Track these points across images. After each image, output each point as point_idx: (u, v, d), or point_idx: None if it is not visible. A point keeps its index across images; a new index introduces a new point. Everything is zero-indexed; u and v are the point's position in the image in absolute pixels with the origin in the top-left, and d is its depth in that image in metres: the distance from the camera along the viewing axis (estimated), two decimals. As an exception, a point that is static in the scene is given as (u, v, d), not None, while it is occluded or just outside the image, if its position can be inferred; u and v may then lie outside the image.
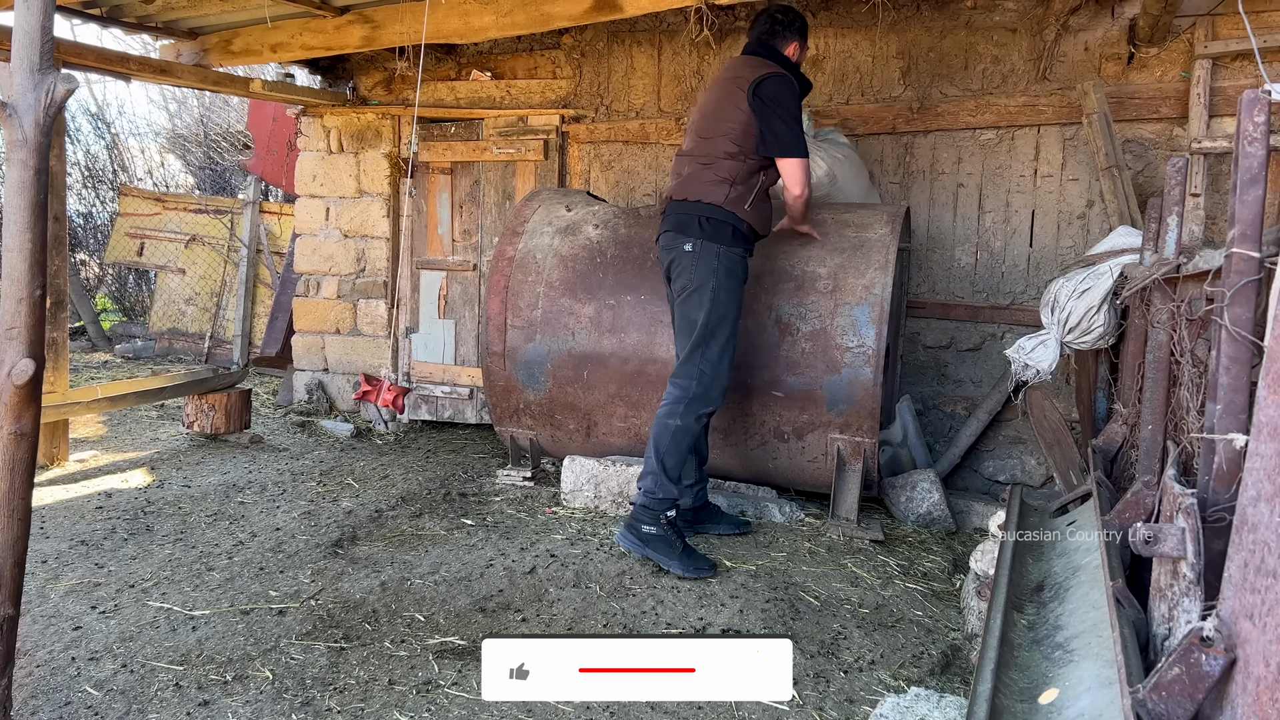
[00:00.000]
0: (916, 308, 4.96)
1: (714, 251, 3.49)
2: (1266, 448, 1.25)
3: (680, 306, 3.57)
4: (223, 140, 11.79)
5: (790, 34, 3.75)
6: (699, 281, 3.49)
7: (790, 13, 3.78)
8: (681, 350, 3.59)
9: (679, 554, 3.43)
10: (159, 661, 2.71)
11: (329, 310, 6.40)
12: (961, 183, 4.86)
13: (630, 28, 5.45)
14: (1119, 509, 2.33)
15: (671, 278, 3.62)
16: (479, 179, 5.93)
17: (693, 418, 3.52)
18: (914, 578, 3.57)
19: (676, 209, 3.61)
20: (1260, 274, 1.61)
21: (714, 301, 3.48)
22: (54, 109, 1.92)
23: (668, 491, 3.50)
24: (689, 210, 3.54)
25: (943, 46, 4.83)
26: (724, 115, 3.56)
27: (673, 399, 3.53)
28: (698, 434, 3.60)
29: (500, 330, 4.47)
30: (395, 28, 4.96)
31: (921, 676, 2.74)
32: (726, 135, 3.53)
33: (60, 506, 4.20)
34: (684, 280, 3.54)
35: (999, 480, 4.76)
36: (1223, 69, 4.26)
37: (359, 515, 4.15)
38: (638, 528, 3.48)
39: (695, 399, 3.51)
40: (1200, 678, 1.30)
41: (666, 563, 3.42)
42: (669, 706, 2.49)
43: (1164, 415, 2.58)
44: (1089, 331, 3.52)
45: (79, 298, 9.54)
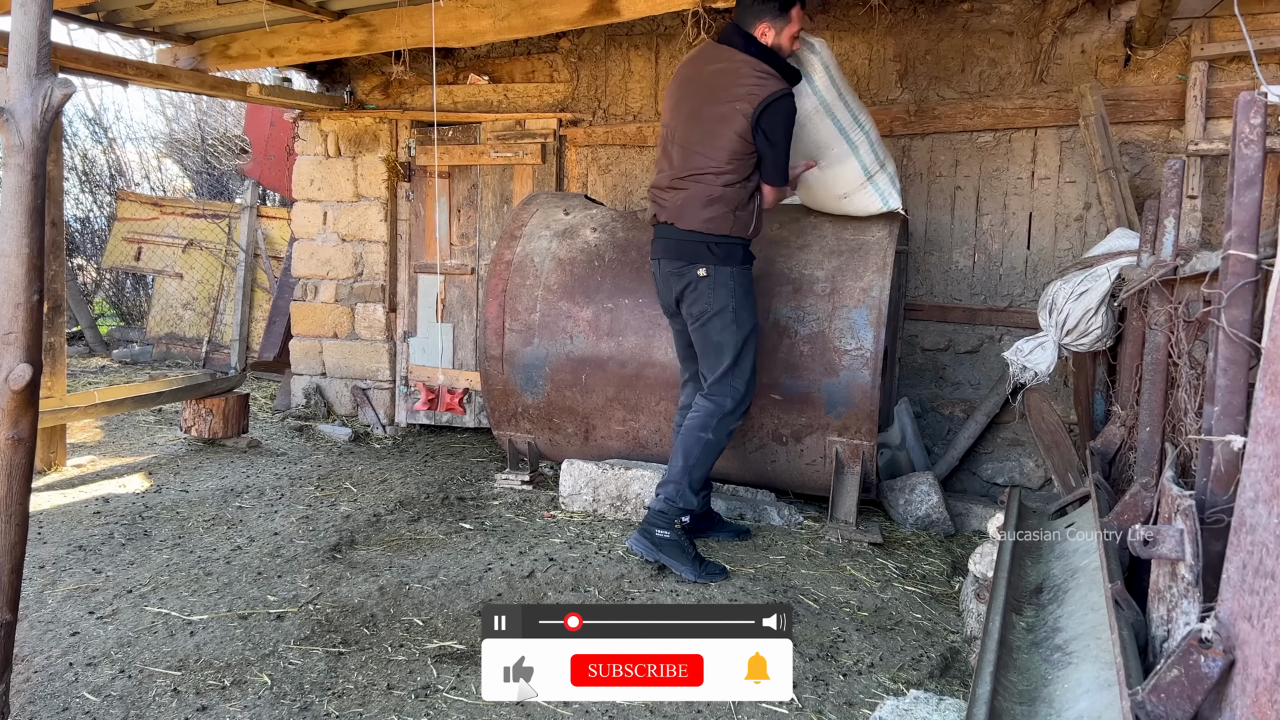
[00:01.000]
0: (914, 310, 4.96)
1: (728, 273, 3.47)
2: (1264, 449, 1.25)
3: (701, 330, 3.54)
4: (220, 145, 11.79)
5: (761, 10, 3.43)
6: (719, 305, 3.47)
7: None
8: (710, 371, 3.56)
9: (690, 559, 3.43)
10: (157, 667, 2.71)
11: (327, 314, 6.40)
12: (959, 185, 4.86)
13: (627, 31, 5.46)
14: (1117, 511, 2.34)
15: (682, 301, 3.57)
16: (476, 183, 5.93)
17: (724, 433, 3.56)
18: (913, 580, 3.57)
19: (679, 236, 3.50)
20: (1257, 276, 1.61)
21: (738, 322, 3.48)
22: (51, 114, 1.92)
23: (688, 501, 3.54)
24: (695, 239, 3.46)
25: (940, 49, 4.84)
26: (716, 133, 3.39)
27: (706, 413, 3.54)
28: (724, 447, 3.63)
29: (498, 334, 4.47)
30: (392, 32, 4.97)
31: (920, 679, 2.74)
32: (722, 156, 3.38)
33: (58, 511, 4.19)
34: (702, 305, 3.50)
35: (997, 483, 4.76)
36: (1219, 71, 4.26)
37: (357, 520, 4.14)
38: (651, 532, 3.48)
39: (729, 414, 3.54)
40: (1199, 679, 1.30)
41: (679, 568, 3.42)
42: (667, 710, 2.48)
43: (1162, 417, 2.58)
44: (1087, 333, 3.52)
45: (76, 303, 9.54)
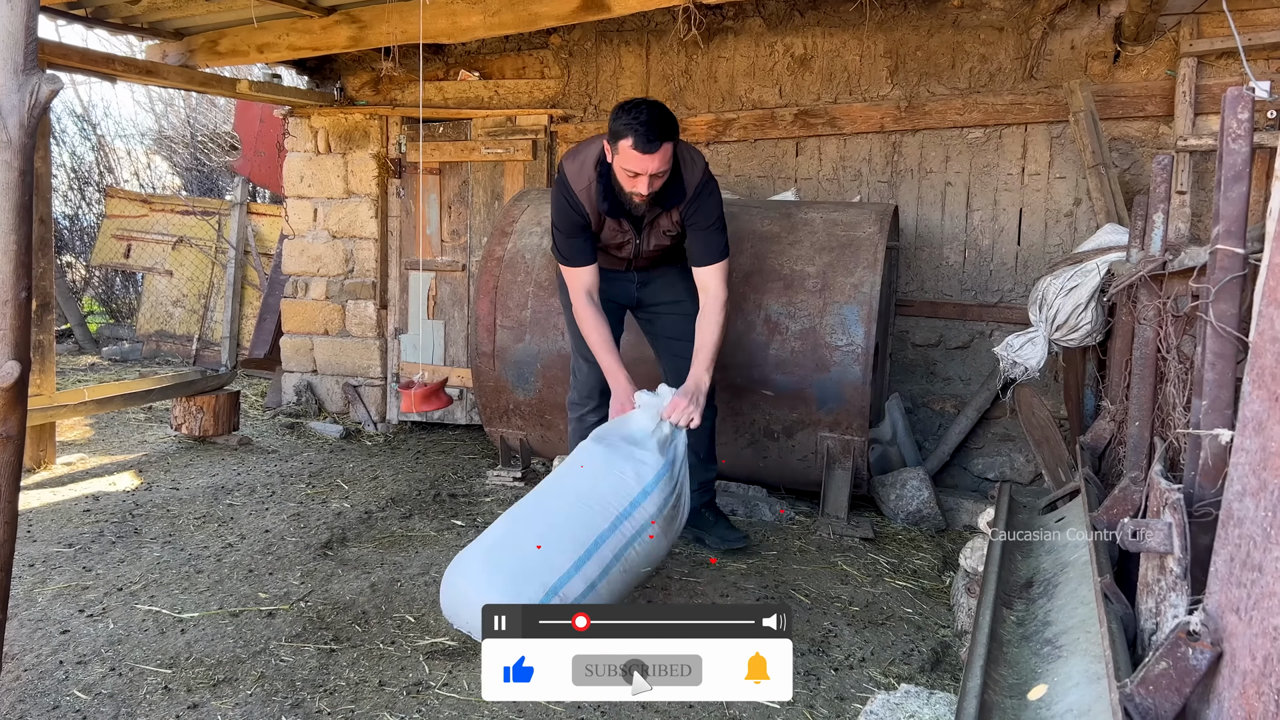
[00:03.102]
0: (905, 306, 4.97)
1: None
2: (1251, 443, 1.26)
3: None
4: (210, 141, 11.73)
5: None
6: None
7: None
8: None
9: (710, 525, 3.72)
10: (148, 665, 2.70)
11: (317, 312, 6.38)
12: (949, 181, 4.87)
13: (618, 27, 5.45)
14: (1107, 505, 2.34)
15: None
16: (467, 179, 5.92)
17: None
18: (904, 575, 3.58)
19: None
20: (1245, 270, 1.62)
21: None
22: (39, 110, 1.91)
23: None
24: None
25: (930, 45, 4.85)
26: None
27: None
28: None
29: (489, 331, 4.46)
30: (382, 28, 4.95)
31: (912, 673, 2.75)
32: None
33: (47, 510, 4.17)
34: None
35: (988, 478, 4.78)
36: (1208, 67, 4.28)
37: (348, 517, 4.13)
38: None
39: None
40: (1187, 672, 1.30)
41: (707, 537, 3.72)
42: (660, 706, 2.49)
43: (1151, 412, 2.60)
44: (1076, 329, 3.53)
45: (65, 300, 9.49)
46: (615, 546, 2.74)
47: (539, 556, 2.65)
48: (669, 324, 3.65)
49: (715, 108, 5.29)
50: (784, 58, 5.13)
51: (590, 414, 3.62)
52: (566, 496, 2.83)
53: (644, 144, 2.93)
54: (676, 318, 3.60)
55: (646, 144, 2.93)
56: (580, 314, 3.32)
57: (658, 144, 2.95)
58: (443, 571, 3.43)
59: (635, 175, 3.02)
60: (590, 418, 3.60)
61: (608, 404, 3.34)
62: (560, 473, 3.02)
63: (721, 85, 5.28)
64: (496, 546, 2.75)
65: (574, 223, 3.26)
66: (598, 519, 2.74)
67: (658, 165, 2.99)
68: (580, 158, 3.25)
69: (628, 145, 2.96)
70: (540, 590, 2.58)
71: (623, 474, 2.84)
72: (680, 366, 3.44)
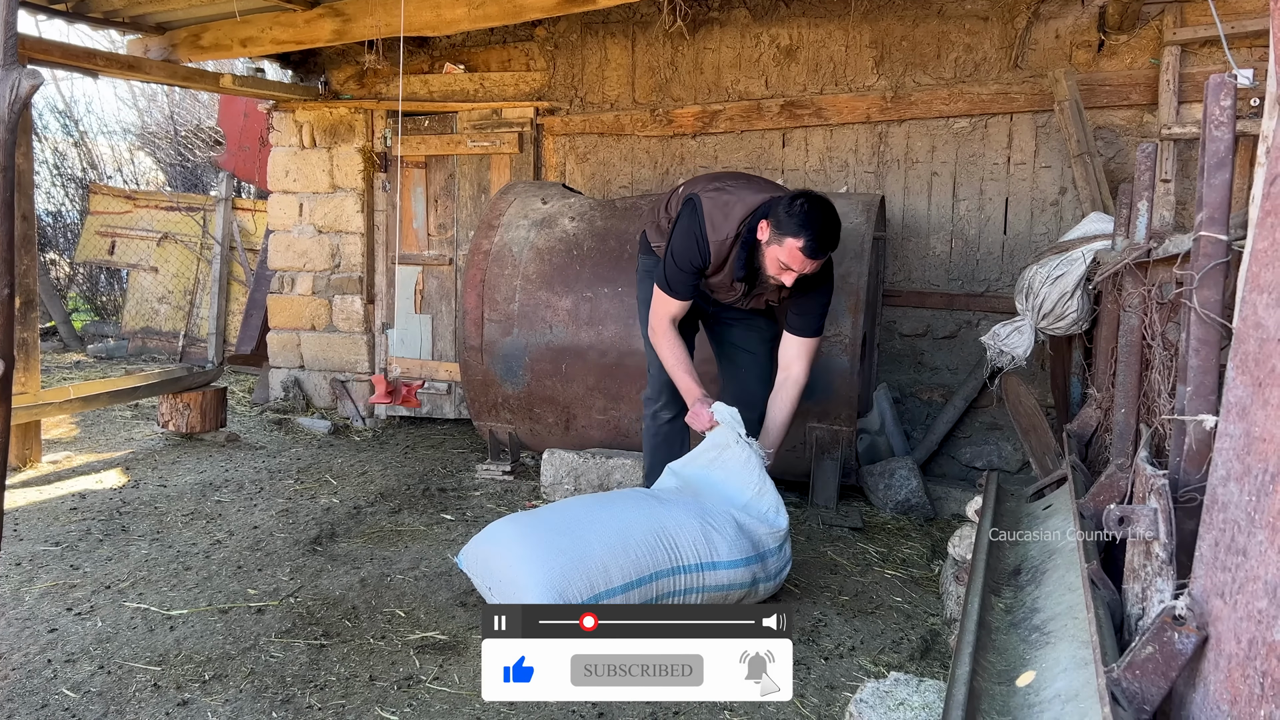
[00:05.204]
0: (892, 296, 4.99)
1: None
2: (1235, 428, 1.27)
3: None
4: (194, 136, 11.64)
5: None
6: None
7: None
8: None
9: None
10: (137, 662, 2.69)
11: (304, 307, 6.35)
12: (936, 171, 4.88)
13: (603, 19, 5.44)
14: (1093, 492, 2.36)
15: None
16: (454, 173, 5.90)
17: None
18: (893, 564, 3.60)
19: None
20: (1228, 257, 1.63)
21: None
22: (19, 105, 1.90)
23: None
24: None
25: (915, 35, 4.85)
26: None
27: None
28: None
29: (477, 324, 4.45)
30: (366, 21, 4.92)
31: (901, 662, 2.76)
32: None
33: (34, 508, 4.15)
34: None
35: (976, 466, 4.80)
36: (1191, 56, 4.30)
37: (337, 512, 4.13)
38: None
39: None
40: (1173, 656, 1.31)
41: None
42: (658, 704, 2.49)
43: (1136, 398, 2.61)
44: (1063, 317, 3.55)
45: (49, 297, 9.42)
46: (664, 589, 2.81)
47: (600, 560, 2.71)
48: (738, 333, 3.65)
49: (701, 99, 5.28)
50: (770, 49, 5.13)
51: (663, 410, 3.63)
52: (645, 524, 2.87)
53: (812, 252, 2.99)
54: (746, 329, 3.61)
55: (814, 253, 3.00)
56: (660, 337, 3.37)
57: (824, 255, 3.05)
58: (433, 565, 3.44)
59: (787, 269, 3.06)
60: (663, 414, 3.62)
61: (678, 399, 3.44)
62: (648, 493, 3.12)
63: (708, 77, 5.27)
64: (562, 528, 2.80)
65: (694, 265, 3.26)
66: (663, 557, 2.81)
67: (814, 269, 3.07)
68: (727, 209, 3.21)
69: (795, 245, 2.98)
70: (588, 592, 2.64)
71: (710, 539, 2.89)
72: (736, 375, 3.59)
